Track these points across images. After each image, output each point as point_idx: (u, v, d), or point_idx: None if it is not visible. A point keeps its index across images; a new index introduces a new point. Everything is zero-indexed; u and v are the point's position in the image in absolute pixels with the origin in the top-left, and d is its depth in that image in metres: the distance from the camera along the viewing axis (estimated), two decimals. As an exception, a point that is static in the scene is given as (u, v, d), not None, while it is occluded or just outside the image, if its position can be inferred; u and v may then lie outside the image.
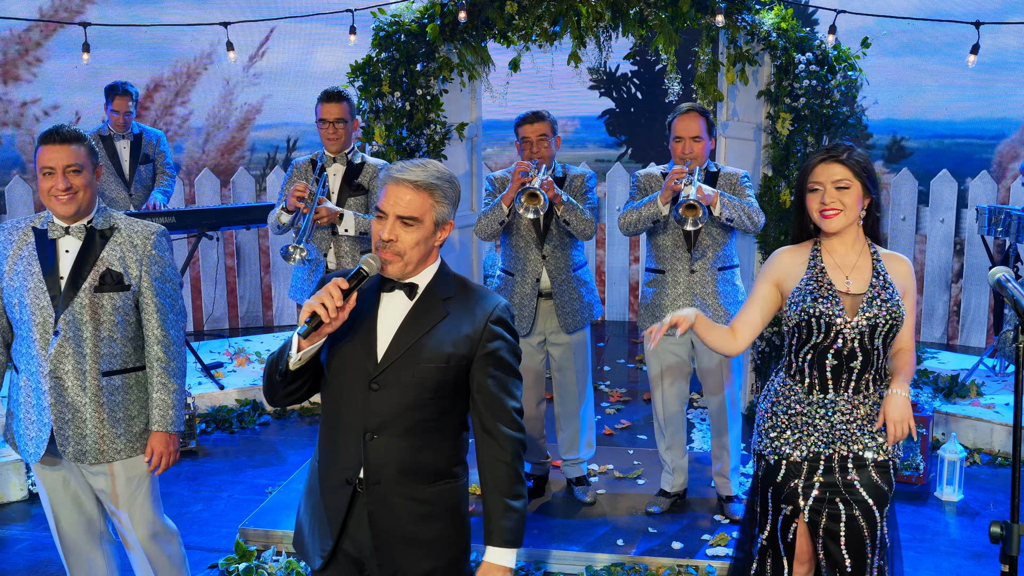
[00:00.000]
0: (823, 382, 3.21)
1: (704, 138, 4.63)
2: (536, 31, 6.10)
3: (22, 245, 3.42)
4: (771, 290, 3.30)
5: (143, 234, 3.47)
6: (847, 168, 3.14)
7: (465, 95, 6.72)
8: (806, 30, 5.98)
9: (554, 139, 4.84)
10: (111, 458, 3.47)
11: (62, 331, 3.36)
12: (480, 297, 2.70)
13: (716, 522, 4.87)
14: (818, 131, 5.93)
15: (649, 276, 4.86)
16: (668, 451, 4.99)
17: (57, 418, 3.41)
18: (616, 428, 6.30)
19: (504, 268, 5.00)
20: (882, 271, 3.21)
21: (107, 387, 3.44)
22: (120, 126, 6.98)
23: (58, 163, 3.30)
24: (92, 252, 3.40)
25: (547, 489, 5.25)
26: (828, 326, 3.15)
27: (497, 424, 2.64)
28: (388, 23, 6.22)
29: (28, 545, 4.89)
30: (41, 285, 3.37)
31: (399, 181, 2.59)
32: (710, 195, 4.47)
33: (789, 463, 3.25)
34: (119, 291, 3.40)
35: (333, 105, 5.12)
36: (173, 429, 3.51)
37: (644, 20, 5.94)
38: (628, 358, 7.89)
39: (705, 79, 6.14)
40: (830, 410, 3.21)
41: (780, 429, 3.26)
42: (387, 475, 2.63)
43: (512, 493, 2.64)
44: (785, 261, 3.29)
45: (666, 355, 4.84)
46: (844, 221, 3.14)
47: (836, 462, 3.21)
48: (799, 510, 3.25)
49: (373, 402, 2.61)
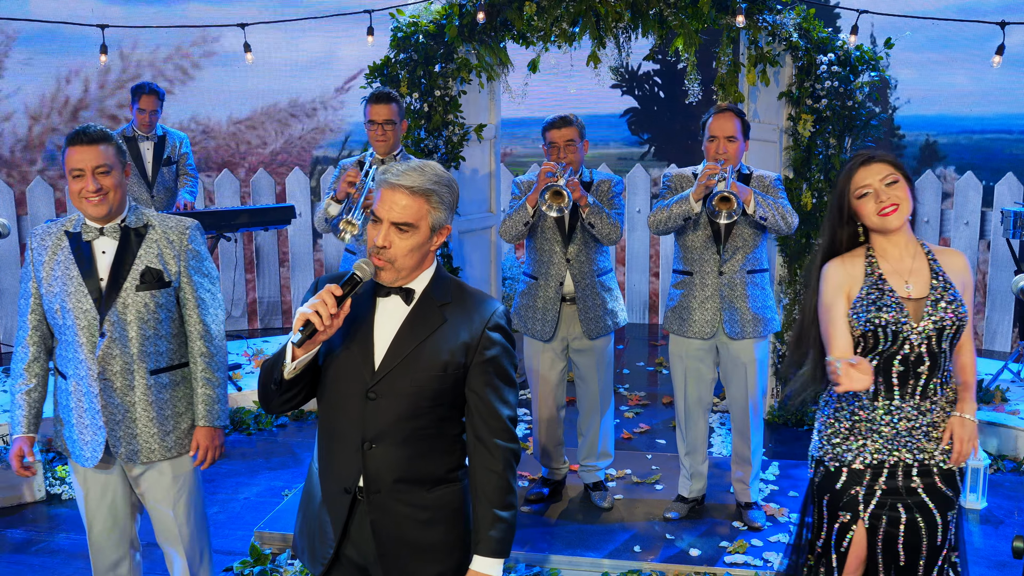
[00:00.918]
0: (889, 388, 3.14)
1: (739, 138, 4.57)
2: (555, 32, 6.06)
3: (57, 250, 3.39)
4: (844, 302, 3.17)
5: (178, 229, 3.45)
6: (888, 164, 3.09)
7: (484, 96, 6.68)
8: (828, 30, 5.92)
9: (582, 143, 4.79)
10: (161, 456, 3.45)
11: (108, 332, 3.33)
12: (477, 302, 2.64)
13: (735, 529, 4.82)
14: (840, 133, 5.87)
15: (677, 278, 4.80)
16: (688, 456, 4.94)
17: (108, 419, 3.38)
18: (635, 432, 6.25)
19: (528, 272, 4.96)
20: (939, 270, 3.14)
21: (155, 385, 3.41)
22: (146, 125, 6.99)
23: (87, 164, 3.26)
24: (129, 251, 3.36)
25: (564, 494, 5.21)
26: (895, 334, 3.08)
27: (490, 433, 2.59)
28: (406, 24, 6.20)
29: (44, 547, 4.89)
30: (82, 288, 3.33)
31: (394, 186, 2.53)
32: (744, 192, 4.41)
33: (851, 471, 3.18)
34: (160, 288, 3.38)
35: (382, 106, 5.06)
36: (218, 423, 3.50)
37: (664, 21, 5.89)
38: (648, 361, 7.84)
39: (725, 80, 6.07)
40: (896, 416, 3.14)
41: (843, 436, 3.19)
42: (386, 484, 2.60)
43: (501, 503, 2.59)
44: (843, 272, 3.18)
45: (690, 359, 4.78)
46: (903, 215, 3.08)
47: (900, 468, 3.15)
48: (858, 517, 3.18)
49: (370, 412, 2.57)
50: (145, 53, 8.70)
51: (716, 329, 4.66)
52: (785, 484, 5.32)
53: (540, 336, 4.87)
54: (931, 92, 8.81)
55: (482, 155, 6.80)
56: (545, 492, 5.16)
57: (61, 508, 5.30)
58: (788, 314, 6.14)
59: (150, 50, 8.68)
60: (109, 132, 3.35)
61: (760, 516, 4.85)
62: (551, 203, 4.54)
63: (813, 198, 5.93)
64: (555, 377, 4.99)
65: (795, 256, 6.06)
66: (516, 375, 2.67)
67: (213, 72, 9.01)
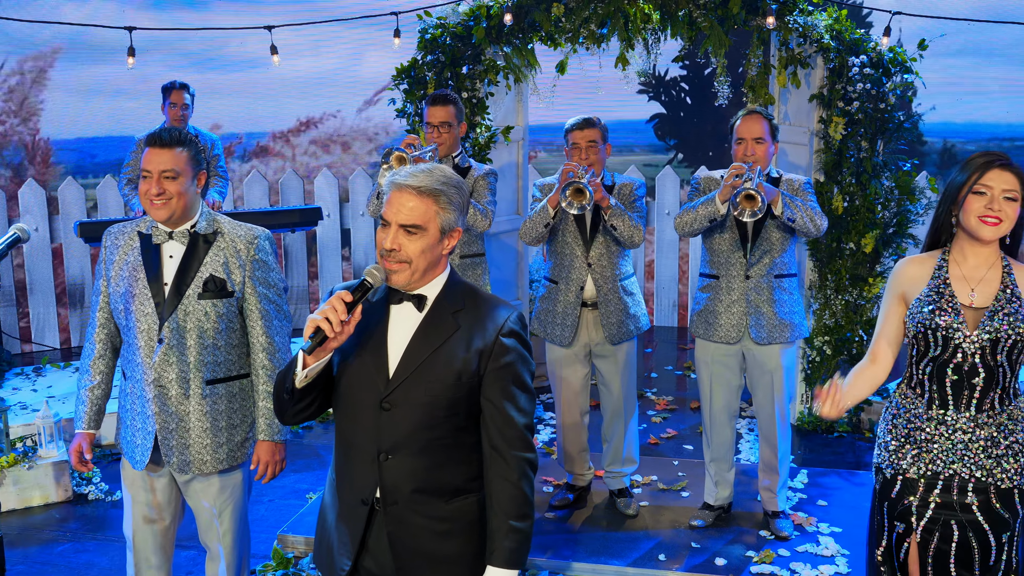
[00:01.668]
0: (943, 398, 3.05)
1: (767, 140, 4.52)
2: (583, 33, 6.02)
3: (128, 250, 3.38)
4: (898, 305, 3.15)
5: (246, 239, 3.39)
6: (1018, 179, 2.99)
7: (511, 98, 6.65)
8: (860, 32, 5.83)
9: (604, 146, 4.75)
10: (213, 468, 3.40)
11: (166, 339, 3.30)
12: (491, 308, 2.59)
13: (762, 538, 4.75)
14: (872, 136, 5.78)
15: (703, 282, 4.75)
16: (714, 463, 4.88)
17: (161, 427, 3.36)
18: (661, 437, 6.19)
19: (548, 276, 4.92)
20: (1012, 284, 3.04)
21: (211, 396, 3.37)
22: (178, 120, 7.00)
23: (155, 167, 3.24)
24: (196, 258, 3.33)
25: (589, 500, 5.16)
26: (946, 340, 3.00)
27: (505, 442, 2.54)
28: (434, 26, 6.18)
29: (70, 547, 4.91)
30: (146, 291, 3.32)
31: (402, 187, 2.49)
32: (771, 193, 4.35)
33: (905, 479, 3.11)
34: (222, 298, 3.33)
35: (439, 108, 5.01)
36: (279, 438, 3.45)
37: (693, 22, 5.83)
38: (676, 365, 7.77)
39: (756, 82, 6.00)
40: (950, 428, 3.05)
41: (899, 443, 3.12)
42: (403, 495, 2.56)
43: (517, 514, 2.54)
44: (910, 272, 3.14)
45: (717, 365, 4.72)
46: (1001, 232, 2.99)
47: (956, 483, 3.05)
48: (912, 529, 3.11)
49: (385, 423, 2.54)
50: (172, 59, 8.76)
51: (742, 334, 4.60)
52: (814, 493, 5.24)
53: (560, 341, 4.83)
54: (959, 98, 8.68)
55: (509, 157, 6.77)
56: (570, 498, 5.12)
57: (88, 508, 5.33)
58: (819, 319, 6.05)
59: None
60: (187, 138, 3.32)
61: (788, 525, 4.78)
62: (572, 200, 4.48)
63: (844, 202, 5.85)
64: (578, 383, 4.95)
65: (826, 260, 5.98)
66: (533, 382, 2.62)
67: (238, 77, 9.05)
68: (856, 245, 5.86)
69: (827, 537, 4.73)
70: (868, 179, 5.80)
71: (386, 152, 4.70)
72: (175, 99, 6.95)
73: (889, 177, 5.88)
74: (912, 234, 5.89)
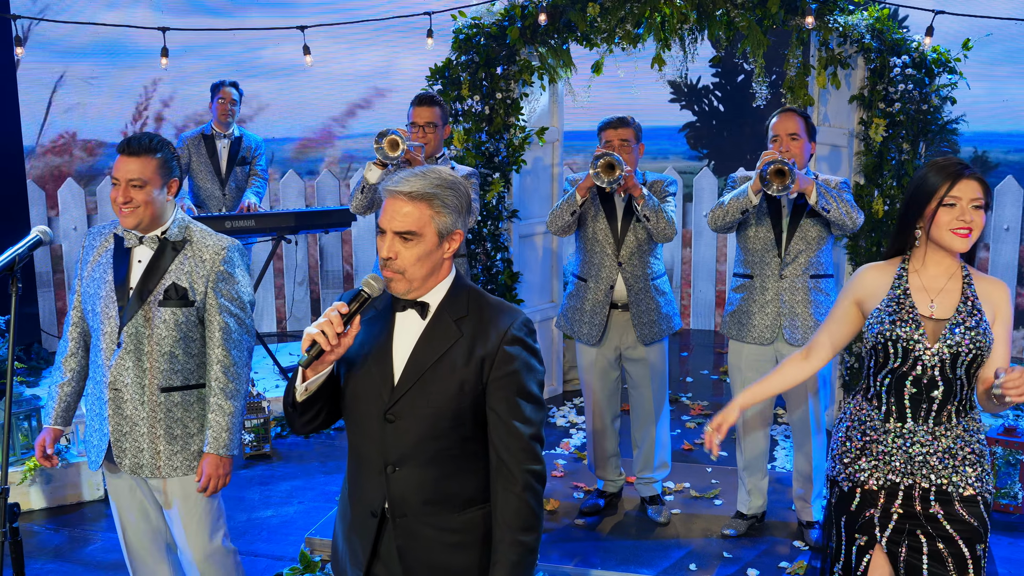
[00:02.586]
0: (901, 410, 3.01)
1: (802, 137, 4.44)
2: (619, 33, 5.94)
3: (102, 251, 3.42)
4: (851, 308, 3.13)
5: (214, 249, 3.38)
6: (983, 187, 2.94)
7: (546, 99, 6.60)
8: (903, 31, 5.70)
9: (637, 146, 4.68)
10: (167, 474, 3.41)
11: (124, 343, 3.33)
12: (496, 314, 2.50)
13: (796, 548, 4.65)
14: (914, 138, 5.65)
15: (737, 282, 4.67)
16: (747, 471, 4.79)
17: (115, 429, 3.39)
18: (695, 443, 6.10)
19: (576, 272, 4.86)
20: (972, 295, 2.99)
21: (165, 403, 3.38)
22: (225, 115, 7.10)
23: (122, 175, 3.26)
24: (161, 265, 3.34)
25: (620, 507, 5.09)
26: (906, 352, 2.95)
27: (509, 454, 2.46)
28: (468, 26, 6.13)
29: (101, 546, 4.92)
30: (112, 295, 3.34)
31: (394, 193, 2.43)
32: (805, 181, 4.26)
33: (864, 491, 3.06)
34: (182, 307, 3.33)
35: (424, 109, 4.98)
36: (225, 452, 3.41)
37: (731, 22, 5.73)
38: (712, 369, 7.67)
39: (795, 83, 5.89)
40: (908, 440, 3.00)
41: (855, 455, 3.08)
42: (412, 507, 2.50)
43: (521, 527, 2.46)
44: (869, 279, 3.10)
45: (750, 370, 4.63)
46: (972, 241, 2.95)
47: (917, 493, 3.00)
48: (875, 541, 3.05)
49: (390, 434, 2.48)
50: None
51: (776, 335, 4.51)
52: (850, 502, 5.12)
53: (587, 340, 4.76)
54: (998, 103, 8.47)
55: (544, 159, 6.71)
56: (600, 504, 5.05)
57: (119, 507, 5.34)
58: (857, 325, 5.93)
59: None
60: (158, 145, 3.30)
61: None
62: (601, 173, 4.41)
63: (885, 205, 5.72)
64: (608, 386, 4.88)
65: (865, 262, 5.85)
66: (541, 391, 2.54)
67: (274, 79, 9.07)
68: (896, 249, 5.72)
69: (863, 549, 4.62)
70: (909, 182, 5.66)
71: (381, 132, 4.56)
72: (223, 95, 7.06)
73: (931, 180, 5.74)
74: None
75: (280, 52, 8.79)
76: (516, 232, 6.47)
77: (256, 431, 6.00)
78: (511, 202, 6.34)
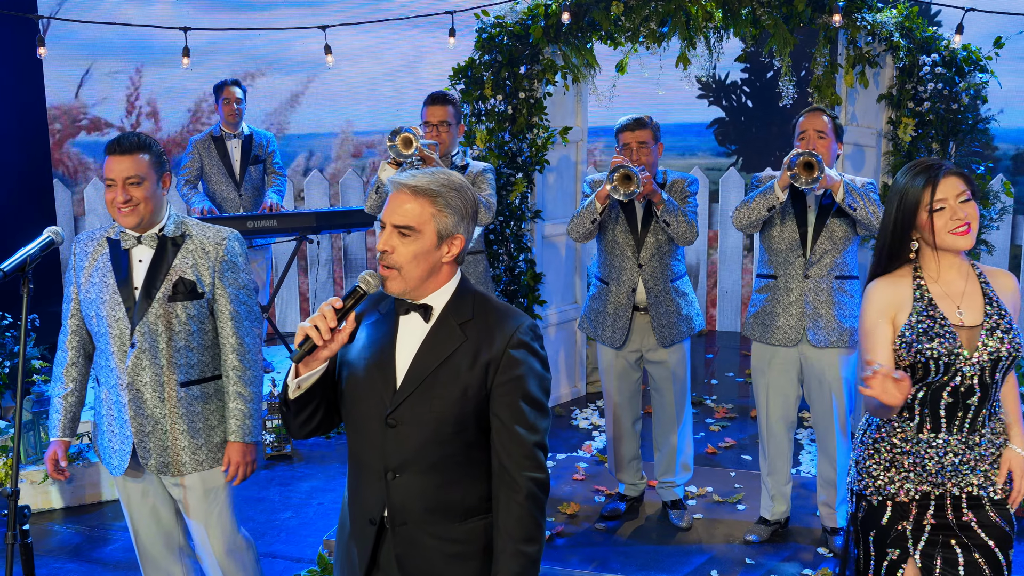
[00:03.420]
0: (935, 421, 2.92)
1: (829, 136, 4.37)
2: (643, 32, 5.87)
3: (97, 256, 3.41)
4: (888, 329, 2.95)
5: (215, 240, 3.41)
6: (965, 180, 2.89)
7: (570, 98, 6.54)
8: (932, 29, 5.60)
9: (656, 146, 4.62)
10: (192, 469, 3.42)
11: (138, 343, 3.32)
12: (501, 318, 2.44)
13: (820, 556, 4.57)
14: (943, 138, 5.54)
15: (760, 283, 4.59)
16: (770, 476, 4.71)
17: (138, 430, 3.38)
18: (719, 447, 6.02)
19: (599, 275, 4.81)
20: (992, 294, 2.93)
21: (186, 398, 3.39)
22: (232, 115, 7.00)
23: (118, 175, 3.26)
24: (164, 261, 3.35)
25: (641, 511, 5.03)
26: (947, 366, 2.86)
27: (512, 461, 2.40)
28: (491, 25, 6.09)
29: (120, 545, 4.93)
30: (116, 297, 3.34)
31: (399, 187, 2.40)
32: (832, 178, 4.19)
33: (895, 504, 2.96)
34: (193, 300, 3.35)
35: (437, 107, 4.94)
36: (250, 439, 3.45)
37: (757, 20, 5.65)
38: (738, 372, 7.58)
39: (822, 82, 5.80)
40: (941, 451, 2.92)
41: (883, 467, 2.99)
42: (413, 515, 2.45)
43: (523, 537, 2.40)
44: (888, 292, 2.96)
45: (774, 372, 4.56)
46: (974, 236, 2.88)
47: (949, 502, 2.93)
48: (907, 555, 2.96)
49: (391, 439, 2.43)
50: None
51: (800, 337, 4.44)
52: (876, 508, 5.03)
53: (611, 343, 4.71)
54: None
55: (568, 159, 6.66)
56: (621, 508, 4.99)
57: (139, 507, 5.34)
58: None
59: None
60: (147, 142, 3.32)
61: (847, 543, 4.59)
62: (618, 186, 4.36)
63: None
64: (629, 388, 4.82)
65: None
66: (547, 398, 2.48)
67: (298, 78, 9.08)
68: (925, 251, 5.62)
69: (889, 556, 4.53)
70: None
71: (395, 131, 4.50)
72: (227, 95, 6.96)
73: (961, 181, 5.63)
74: (985, 240, 5.64)
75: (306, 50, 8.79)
76: (539, 232, 6.42)
77: (277, 431, 5.99)
78: (534, 202, 6.30)
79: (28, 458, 5.30)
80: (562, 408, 6.68)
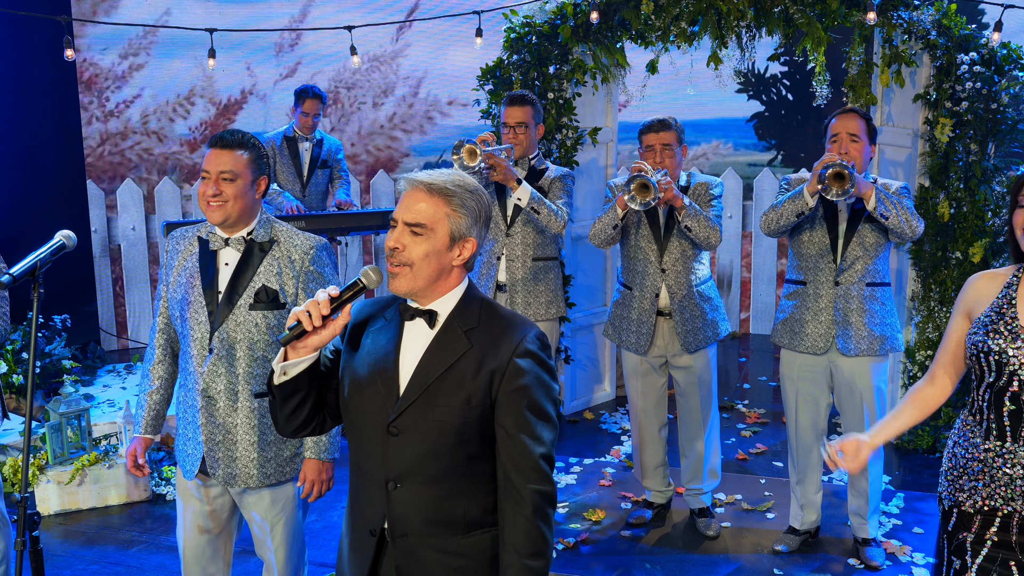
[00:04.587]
0: (1000, 428, 2.79)
1: (862, 139, 4.24)
2: (674, 31, 5.79)
3: (187, 255, 3.32)
4: (963, 323, 2.89)
5: (302, 249, 3.28)
6: None
7: (600, 98, 6.46)
8: (971, 27, 5.46)
9: (680, 148, 4.53)
10: (260, 482, 3.31)
11: (216, 349, 3.23)
12: (507, 326, 2.38)
13: (850, 567, 4.47)
14: (982, 138, 5.41)
15: (789, 288, 4.50)
16: (800, 485, 4.61)
17: (208, 439, 3.29)
18: (750, 453, 5.91)
19: (622, 280, 4.74)
20: None
21: (259, 409, 3.28)
22: (308, 128, 7.01)
23: (214, 168, 3.16)
24: (250, 267, 3.24)
25: (668, 519, 4.95)
26: (999, 365, 2.74)
27: (518, 473, 2.33)
28: (520, 24, 6.03)
29: (146, 547, 4.93)
30: (201, 299, 3.25)
31: (414, 184, 2.35)
32: (864, 185, 4.08)
33: (961, 512, 2.86)
34: (274, 310, 3.23)
35: (516, 108, 4.86)
36: (327, 456, 3.31)
37: (789, 19, 5.54)
38: (771, 376, 7.45)
39: (857, 81, 5.68)
40: (1007, 461, 2.78)
41: (957, 473, 2.88)
42: (414, 527, 2.39)
43: (529, 551, 2.33)
44: (976, 288, 2.88)
45: (803, 380, 4.46)
46: None
47: (1015, 522, 2.78)
48: (967, 567, 2.85)
49: (393, 448, 2.36)
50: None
51: (829, 344, 4.33)
52: (909, 519, 4.92)
53: (635, 349, 4.64)
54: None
55: (598, 160, 6.58)
56: (647, 516, 4.92)
57: (166, 508, 5.35)
58: (921, 332, 5.70)
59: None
60: (250, 141, 3.22)
61: (879, 554, 4.49)
62: (636, 195, 4.29)
63: (951, 208, 5.49)
64: (654, 393, 4.75)
65: (930, 270, 5.62)
66: (555, 409, 2.41)
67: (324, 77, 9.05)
68: (963, 254, 5.49)
69: (922, 569, 4.42)
70: (977, 184, 5.43)
71: (457, 144, 4.52)
72: (308, 109, 6.92)
73: (1000, 182, 5.50)
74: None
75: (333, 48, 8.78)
76: (569, 234, 6.35)
77: (303, 433, 5.97)
78: (563, 204, 6.22)
79: (55, 459, 5.31)
80: (591, 412, 6.61)
